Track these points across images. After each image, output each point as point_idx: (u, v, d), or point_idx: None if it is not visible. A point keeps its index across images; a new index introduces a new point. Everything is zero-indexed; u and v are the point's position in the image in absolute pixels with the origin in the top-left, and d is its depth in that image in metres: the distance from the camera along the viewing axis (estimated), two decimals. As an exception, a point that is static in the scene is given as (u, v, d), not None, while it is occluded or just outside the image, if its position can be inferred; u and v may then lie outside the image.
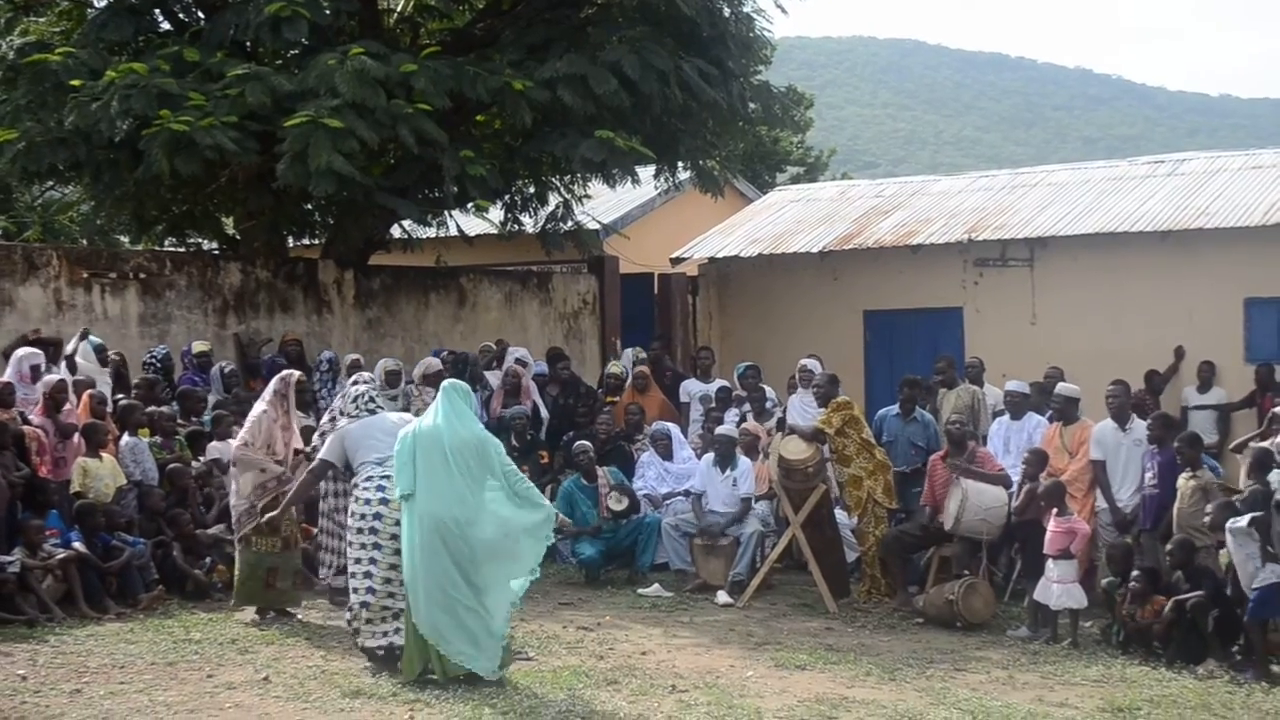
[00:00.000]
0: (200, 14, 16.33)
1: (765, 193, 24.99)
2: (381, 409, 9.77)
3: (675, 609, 11.67)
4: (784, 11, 19.20)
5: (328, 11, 15.02)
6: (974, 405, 13.69)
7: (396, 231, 18.02)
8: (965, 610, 10.85)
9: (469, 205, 16.37)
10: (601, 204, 20.83)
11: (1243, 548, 9.36)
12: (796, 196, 22.91)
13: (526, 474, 13.53)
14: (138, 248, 19.13)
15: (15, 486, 10.87)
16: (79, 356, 12.77)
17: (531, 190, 18.11)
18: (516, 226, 18.34)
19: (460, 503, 8.57)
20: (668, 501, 13.47)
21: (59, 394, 11.61)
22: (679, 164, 17.73)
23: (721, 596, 11.99)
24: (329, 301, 16.63)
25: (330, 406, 11.27)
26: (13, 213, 24.12)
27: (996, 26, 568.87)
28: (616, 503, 12.88)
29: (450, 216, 17.93)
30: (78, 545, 10.84)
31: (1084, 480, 11.70)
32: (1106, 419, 11.84)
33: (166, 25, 16.52)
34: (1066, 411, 12.15)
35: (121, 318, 14.63)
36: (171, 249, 18.47)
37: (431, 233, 18.75)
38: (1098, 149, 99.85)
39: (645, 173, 18.03)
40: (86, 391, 12.07)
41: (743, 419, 14.20)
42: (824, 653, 9.89)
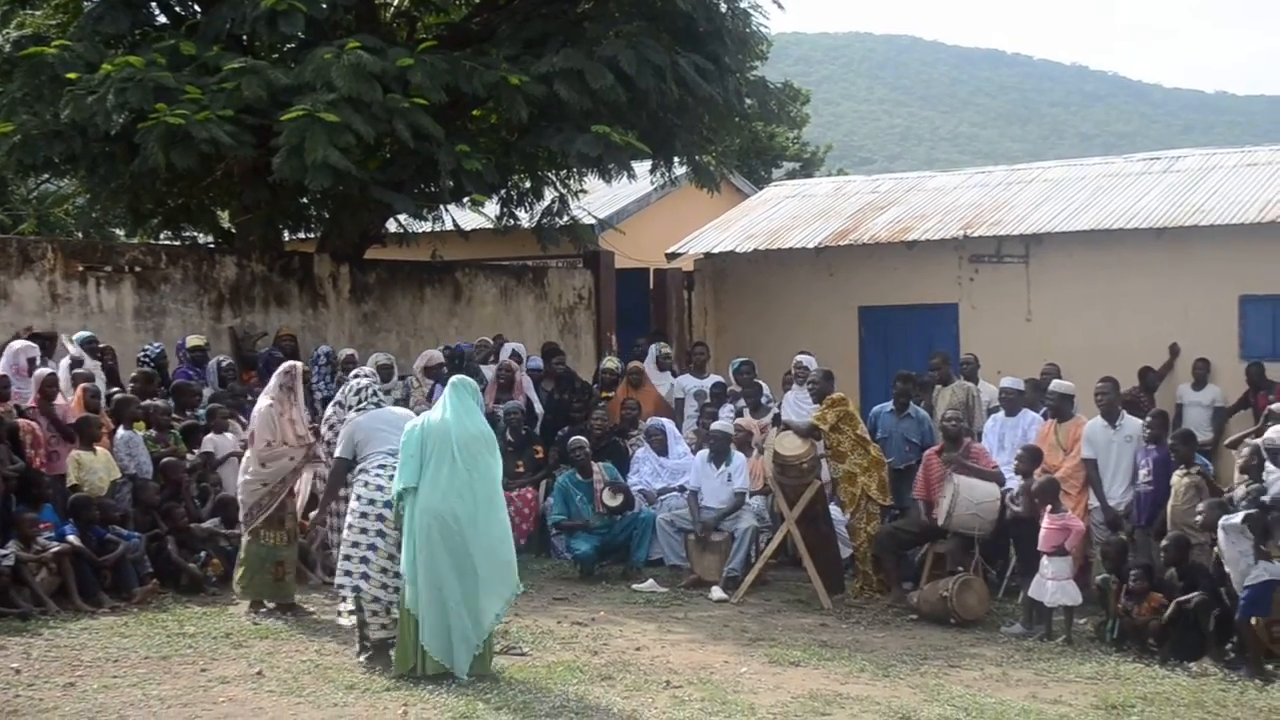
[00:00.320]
0: (197, 7, 16.30)
1: (761, 188, 24.99)
2: (384, 403, 9.84)
3: (670, 605, 11.66)
4: (780, 7, 19.09)
5: (324, 5, 15.05)
6: (968, 402, 13.68)
7: (392, 226, 18.02)
8: (959, 607, 10.84)
9: (465, 200, 16.39)
10: (597, 199, 20.82)
11: (1235, 545, 9.37)
12: (792, 192, 22.90)
13: (522, 469, 13.79)
14: (133, 241, 19.14)
15: (9, 479, 10.87)
16: (72, 350, 12.73)
17: (527, 185, 18.12)
18: (512, 221, 18.35)
19: (463, 499, 8.55)
20: (662, 497, 13.47)
21: (50, 387, 11.60)
22: (675, 159, 17.72)
23: (716, 592, 11.99)
24: (324, 295, 16.62)
25: (334, 400, 11.28)
26: (8, 205, 24.13)
27: (993, 23, 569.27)
28: (611, 498, 12.88)
29: (446, 211, 17.94)
30: (72, 539, 10.84)
31: (1078, 477, 11.70)
32: (1097, 416, 11.85)
33: (163, 19, 16.53)
34: (1061, 408, 12.15)
35: (117, 311, 14.61)
36: (167, 242, 18.49)
37: (427, 227, 18.75)
38: (1094, 146, 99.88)
39: (641, 168, 18.04)
40: (80, 385, 12.06)
41: (739, 414, 14.20)
42: (818, 649, 9.88)
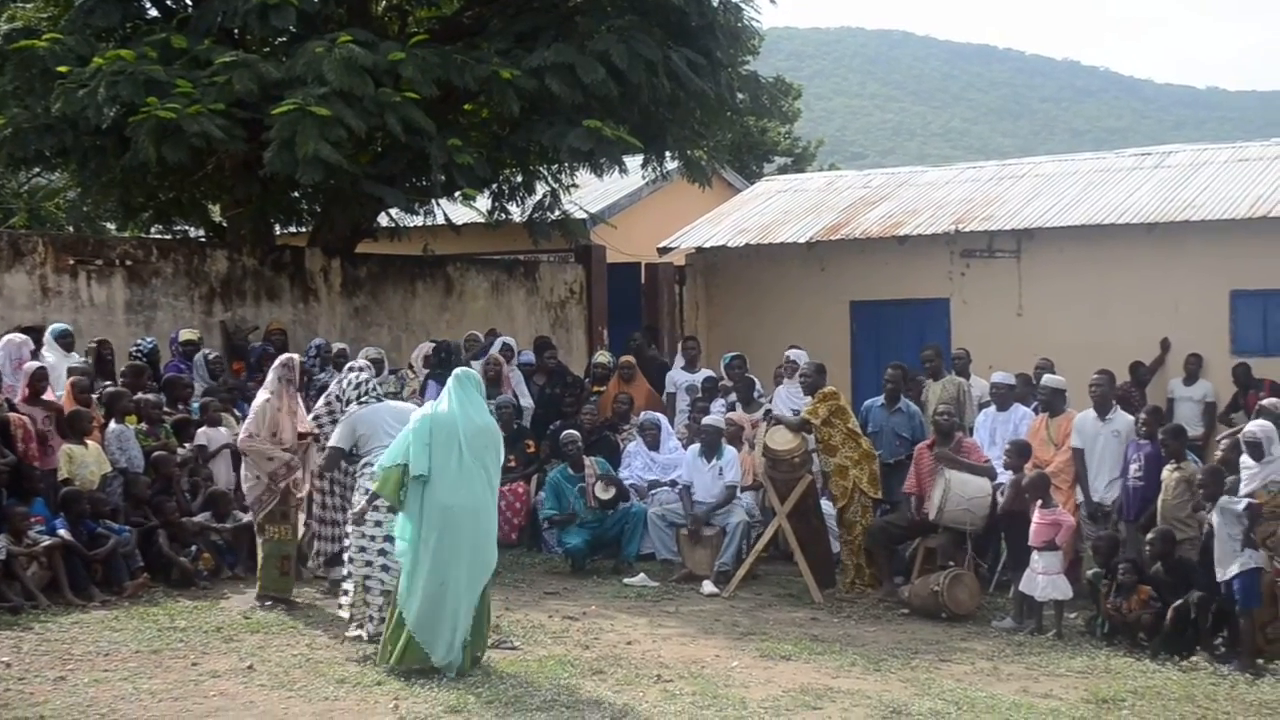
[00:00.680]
0: (188, 1, 16.27)
1: (753, 183, 25.01)
2: (382, 397, 9.88)
3: (661, 599, 11.67)
4: (772, 2, 19.11)
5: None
6: (959, 397, 13.67)
7: (384, 220, 17.99)
8: (950, 601, 10.86)
9: (456, 194, 16.35)
10: (589, 193, 20.81)
11: (1227, 526, 9.38)
12: (784, 187, 22.90)
13: (513, 463, 13.78)
14: (124, 235, 19.08)
15: (1, 474, 10.85)
16: (45, 350, 12.63)
17: (519, 179, 18.11)
18: (504, 215, 18.34)
19: (469, 490, 8.57)
20: (654, 492, 13.47)
21: (39, 382, 11.56)
22: (666, 154, 17.70)
23: (707, 586, 12.00)
24: (315, 290, 16.60)
25: (325, 394, 11.28)
26: (-1, 199, 24.05)
27: (985, 18, 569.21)
28: (604, 492, 12.88)
29: (437, 205, 17.90)
30: (63, 532, 10.82)
31: (1069, 472, 11.72)
32: (1089, 408, 11.87)
33: (154, 12, 16.46)
34: (1052, 403, 12.17)
35: (108, 305, 14.57)
36: (158, 236, 18.43)
37: (419, 221, 18.74)
38: (1085, 141, 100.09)
39: (633, 162, 18.01)
40: (70, 379, 12.01)
41: (731, 409, 14.20)
42: (809, 643, 9.90)
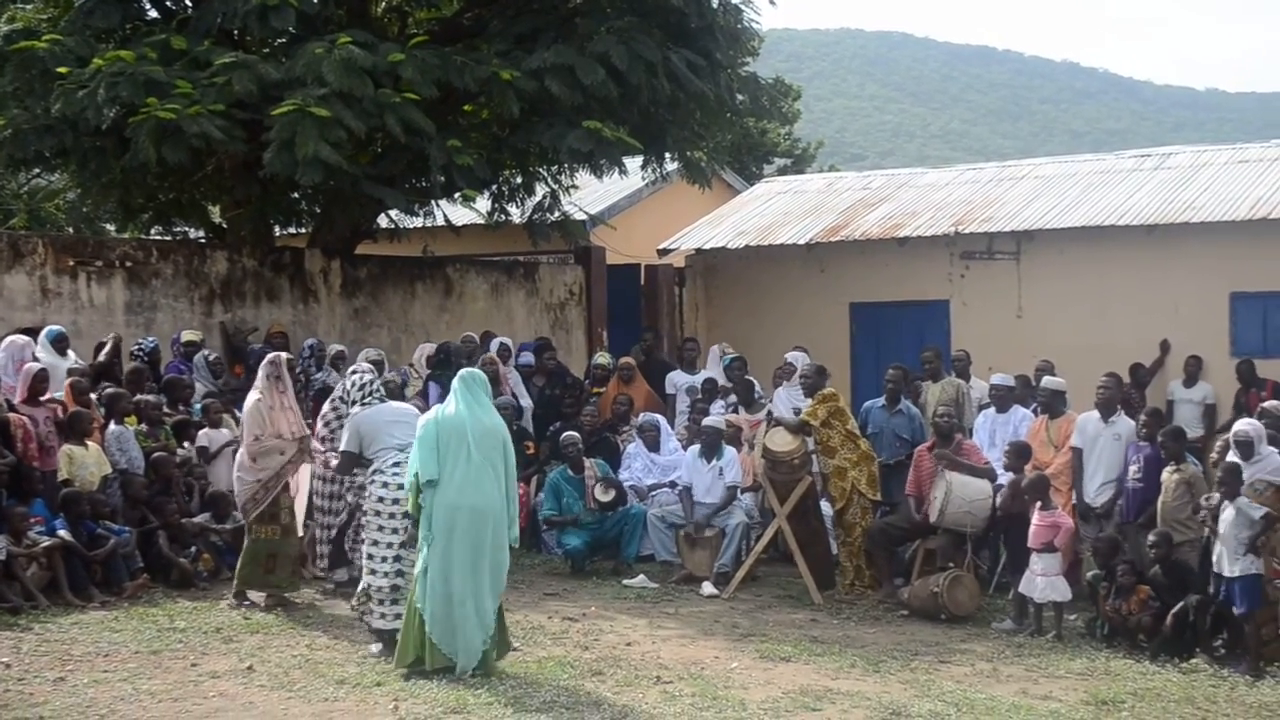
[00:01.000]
0: (188, 2, 16.25)
1: (752, 184, 24.98)
2: (385, 398, 9.90)
3: (660, 600, 11.68)
4: (772, 3, 19.08)
5: (315, 0, 14.99)
6: (958, 398, 13.67)
7: (383, 221, 17.98)
8: (950, 603, 10.87)
9: (456, 195, 16.34)
10: (588, 194, 20.80)
11: (1238, 528, 9.36)
12: (783, 188, 22.89)
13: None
14: (124, 236, 19.07)
15: (1, 474, 10.85)
16: (39, 351, 12.60)
17: (519, 180, 18.09)
18: (503, 217, 18.32)
19: (479, 491, 8.56)
20: (654, 493, 13.47)
21: (40, 383, 11.56)
22: (666, 155, 17.69)
23: (706, 588, 12.00)
24: (315, 291, 16.59)
25: (330, 399, 11.29)
26: (-2, 200, 24.06)
27: (984, 19, 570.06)
28: (603, 493, 12.89)
29: (437, 206, 17.89)
30: (63, 533, 10.82)
31: (1068, 474, 11.72)
32: (1092, 409, 11.86)
33: (154, 13, 16.44)
34: (1052, 405, 12.18)
35: (108, 306, 14.56)
36: (158, 237, 18.41)
37: (418, 222, 18.72)
38: (1084, 142, 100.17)
39: (632, 163, 18.00)
40: (69, 380, 12.01)
41: (734, 410, 14.20)
42: (809, 644, 9.90)
